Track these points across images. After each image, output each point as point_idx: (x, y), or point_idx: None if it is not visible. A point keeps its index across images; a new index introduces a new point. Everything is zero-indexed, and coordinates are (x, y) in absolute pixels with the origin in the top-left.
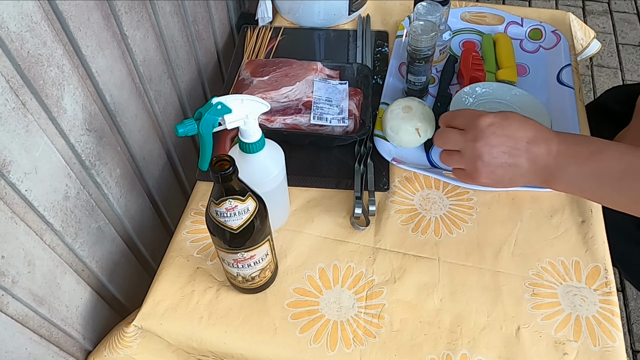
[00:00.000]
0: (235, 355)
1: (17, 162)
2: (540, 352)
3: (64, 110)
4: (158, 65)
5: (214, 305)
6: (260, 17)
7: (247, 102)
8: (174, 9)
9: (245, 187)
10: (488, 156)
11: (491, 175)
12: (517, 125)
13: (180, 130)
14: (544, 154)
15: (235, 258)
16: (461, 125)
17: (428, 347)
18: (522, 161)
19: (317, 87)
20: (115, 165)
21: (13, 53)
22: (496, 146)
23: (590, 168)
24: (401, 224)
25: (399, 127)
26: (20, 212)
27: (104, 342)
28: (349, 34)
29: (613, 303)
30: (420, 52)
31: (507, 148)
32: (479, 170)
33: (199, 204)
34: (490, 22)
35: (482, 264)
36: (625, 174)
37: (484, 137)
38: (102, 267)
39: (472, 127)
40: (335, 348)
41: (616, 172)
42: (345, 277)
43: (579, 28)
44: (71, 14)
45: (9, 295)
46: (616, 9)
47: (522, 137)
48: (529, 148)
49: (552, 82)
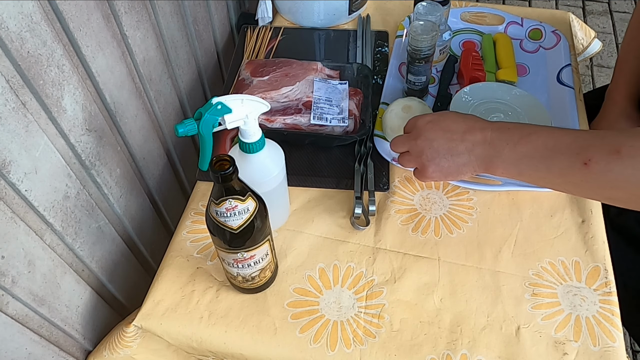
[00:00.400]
0: (235, 355)
1: (17, 162)
2: (540, 352)
3: (64, 110)
4: (158, 65)
5: (214, 305)
6: (260, 17)
7: (247, 102)
8: (174, 9)
9: (245, 187)
10: (429, 150)
11: (438, 168)
12: (452, 119)
13: (180, 130)
14: (479, 141)
15: (235, 258)
16: (407, 129)
17: (428, 347)
18: (461, 150)
19: (317, 87)
20: (115, 165)
21: (13, 53)
22: (435, 139)
23: (523, 149)
24: (401, 224)
25: (399, 127)
26: (20, 212)
27: (104, 342)
28: (349, 34)
29: (613, 303)
30: (420, 52)
31: (444, 141)
32: (425, 165)
33: (199, 204)
34: (490, 22)
35: (482, 264)
36: (554, 151)
37: (423, 133)
38: (102, 267)
39: (414, 127)
40: (335, 348)
41: (546, 151)
42: (345, 277)
43: (579, 28)
44: (71, 14)
45: (9, 295)
46: (616, 9)
47: (457, 129)
48: (465, 137)
49: (552, 82)
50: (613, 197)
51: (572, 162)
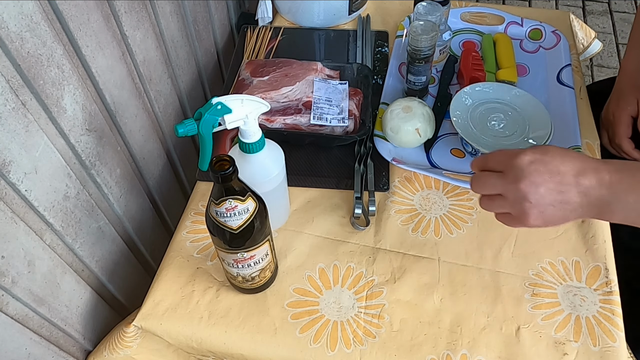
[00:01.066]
0: (235, 355)
1: (17, 162)
2: (540, 352)
3: (64, 110)
4: (158, 65)
5: (214, 305)
6: (260, 17)
7: (247, 102)
8: (174, 9)
9: (245, 187)
10: (535, 196)
11: (541, 216)
12: (559, 159)
13: (180, 130)
14: (595, 185)
15: (235, 258)
16: (497, 166)
17: (428, 347)
18: (572, 196)
19: (317, 87)
20: (115, 165)
21: (13, 53)
22: (542, 184)
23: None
24: (401, 224)
25: (399, 127)
26: (20, 212)
27: (104, 342)
28: (349, 34)
29: (613, 303)
30: (420, 52)
31: (554, 185)
32: (526, 212)
33: (199, 204)
34: (490, 22)
35: (482, 264)
36: None
37: (527, 176)
38: (102, 267)
39: (511, 167)
40: (335, 348)
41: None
42: (345, 277)
43: (579, 28)
44: (71, 14)
45: (9, 295)
46: (616, 9)
47: (568, 171)
48: (578, 181)
49: (552, 82)
50: None
51: None
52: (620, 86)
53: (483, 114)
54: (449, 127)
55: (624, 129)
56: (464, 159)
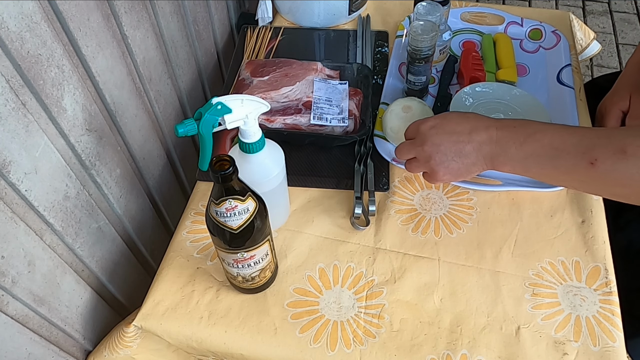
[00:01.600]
0: (235, 355)
1: (17, 162)
2: (540, 352)
3: (64, 110)
4: (158, 65)
5: (214, 305)
6: (260, 17)
7: (247, 102)
8: (174, 9)
9: (245, 187)
10: (437, 155)
11: (447, 170)
12: (455, 121)
13: (180, 130)
14: (486, 140)
15: (235, 258)
16: (411, 135)
17: (428, 347)
18: (468, 150)
19: (317, 87)
20: (115, 165)
21: (13, 53)
22: (441, 144)
23: (529, 148)
24: (401, 224)
25: (399, 127)
26: (20, 212)
27: (104, 342)
28: (349, 34)
29: (613, 303)
30: (420, 52)
31: (451, 144)
32: (434, 169)
33: (199, 204)
34: (490, 22)
35: (482, 264)
36: (561, 150)
37: (429, 138)
38: (102, 267)
39: (417, 133)
40: (335, 348)
41: (552, 150)
42: (345, 277)
43: (579, 28)
44: (71, 14)
45: (9, 295)
46: (616, 9)
47: (462, 130)
48: (471, 138)
49: (552, 82)
50: (618, 193)
51: (579, 161)
52: (617, 85)
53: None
54: None
55: (612, 123)
56: None
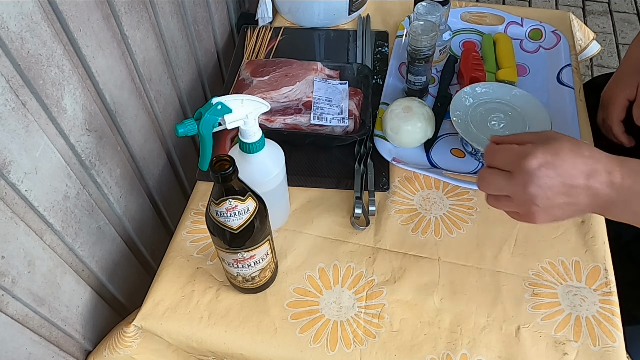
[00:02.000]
0: (235, 355)
1: (17, 162)
2: (540, 352)
3: (64, 110)
4: (158, 65)
5: (214, 305)
6: (260, 17)
7: (247, 102)
8: (174, 9)
9: (245, 187)
10: (543, 200)
11: (548, 217)
12: (570, 161)
13: (180, 130)
14: (605, 187)
15: (235, 258)
16: (504, 165)
17: (428, 347)
18: (581, 199)
19: (317, 87)
20: (115, 165)
21: (13, 53)
22: (550, 188)
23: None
24: (401, 224)
25: (399, 127)
26: (20, 212)
27: (104, 342)
28: (349, 34)
29: (613, 303)
30: (420, 52)
31: (563, 188)
32: (534, 213)
33: (199, 204)
34: (490, 22)
35: (482, 264)
36: None
37: (535, 180)
38: (102, 267)
39: (519, 169)
40: (335, 348)
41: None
42: (345, 277)
43: (578, 29)
44: (71, 14)
45: (9, 295)
46: (616, 9)
47: (578, 175)
48: (589, 185)
49: (552, 82)
50: None
51: None
52: (622, 69)
53: (483, 114)
54: (449, 127)
55: (617, 111)
56: (464, 159)
